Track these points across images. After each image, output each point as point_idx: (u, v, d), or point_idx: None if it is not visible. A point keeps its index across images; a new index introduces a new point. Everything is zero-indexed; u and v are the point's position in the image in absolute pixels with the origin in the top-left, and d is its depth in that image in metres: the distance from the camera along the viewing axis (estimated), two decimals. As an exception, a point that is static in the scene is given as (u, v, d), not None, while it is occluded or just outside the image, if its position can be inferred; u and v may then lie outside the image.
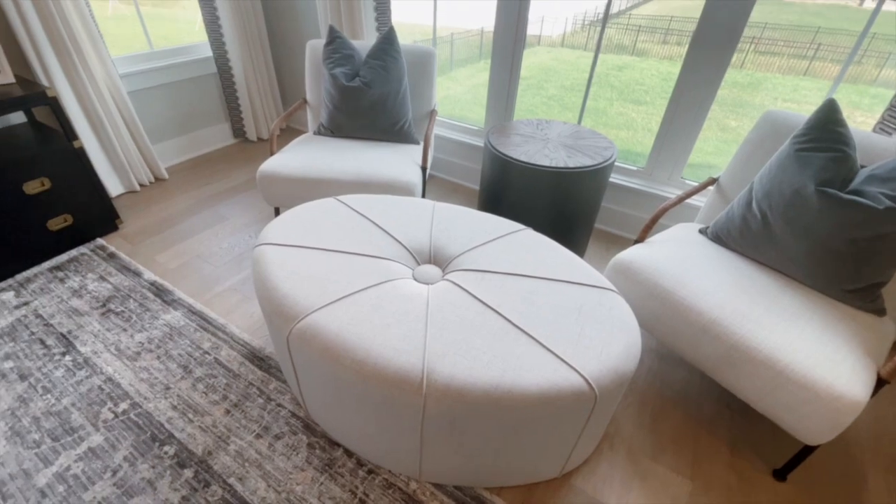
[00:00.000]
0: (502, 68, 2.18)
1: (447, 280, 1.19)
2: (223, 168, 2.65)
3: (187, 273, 1.87)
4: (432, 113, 2.12)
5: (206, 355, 1.51)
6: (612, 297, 1.13)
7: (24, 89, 1.74)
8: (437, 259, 1.30)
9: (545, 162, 1.62)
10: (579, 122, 2.21)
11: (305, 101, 2.16)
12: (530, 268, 1.21)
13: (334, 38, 1.89)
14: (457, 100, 8.50)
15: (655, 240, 1.44)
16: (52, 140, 1.85)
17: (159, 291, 1.76)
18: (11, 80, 1.78)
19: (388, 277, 1.17)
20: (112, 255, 1.93)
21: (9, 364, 1.47)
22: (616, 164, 2.13)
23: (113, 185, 2.28)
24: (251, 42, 2.63)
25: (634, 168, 2.10)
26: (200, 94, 2.67)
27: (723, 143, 7.03)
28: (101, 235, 2.04)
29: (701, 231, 1.48)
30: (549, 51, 13.34)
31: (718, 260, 1.33)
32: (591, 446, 1.21)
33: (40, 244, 1.86)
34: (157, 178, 2.49)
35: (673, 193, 2.02)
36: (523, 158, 1.63)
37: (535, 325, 1.03)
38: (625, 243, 2.15)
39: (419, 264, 1.29)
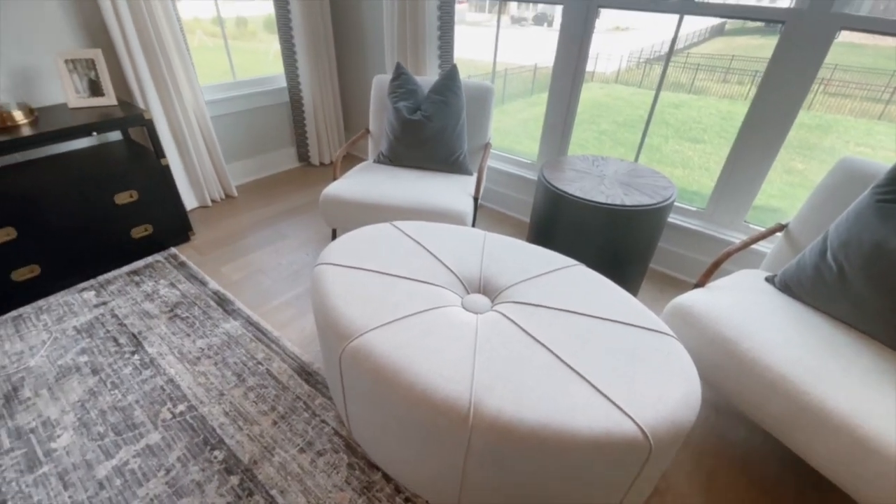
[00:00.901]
0: (559, 103, 2.21)
1: (496, 311, 1.19)
2: (287, 189, 2.83)
3: (248, 285, 1.98)
4: (487, 146, 2.17)
5: (259, 366, 1.57)
6: (670, 343, 1.09)
7: (124, 111, 1.95)
8: (487, 289, 1.31)
9: (601, 198, 1.60)
10: (636, 159, 2.18)
11: (368, 131, 2.28)
12: (582, 305, 1.19)
13: (400, 74, 2.01)
14: (507, 132, 8.64)
15: (717, 285, 1.38)
16: (143, 157, 2.05)
17: (221, 301, 1.87)
18: (114, 102, 2.01)
19: (439, 304, 1.19)
20: (182, 264, 2.08)
21: (84, 358, 1.60)
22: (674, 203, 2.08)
23: (188, 200, 2.48)
24: (322, 75, 2.83)
25: (694, 209, 2.03)
26: (272, 121, 2.89)
27: (788, 187, 6.67)
28: (174, 245, 2.21)
29: (767, 279, 1.40)
30: (602, 87, 13.35)
31: (787, 311, 1.25)
32: (641, 501, 1.14)
33: (123, 250, 2.04)
34: (227, 195, 2.68)
35: (735, 237, 1.93)
36: (578, 194, 1.63)
37: (588, 365, 1.01)
38: (681, 285, 2.06)
39: (469, 293, 1.30)
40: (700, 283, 1.40)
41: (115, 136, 2.25)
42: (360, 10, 2.77)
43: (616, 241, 1.65)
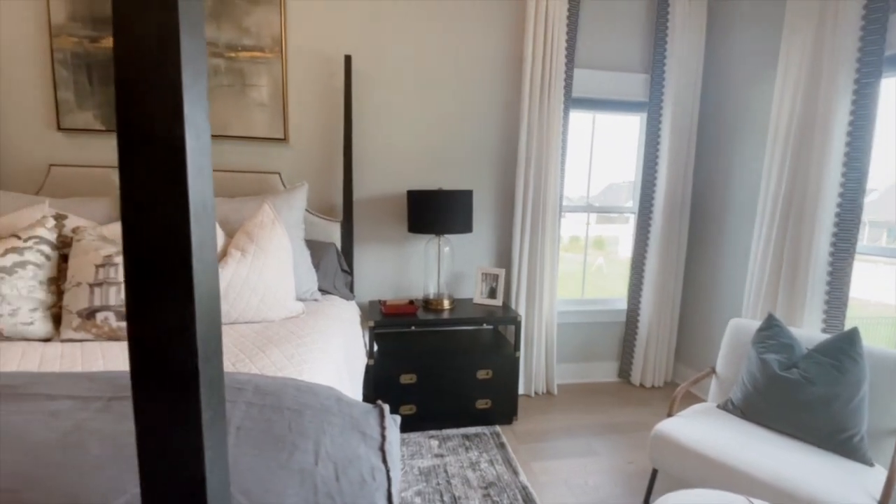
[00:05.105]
0: None
1: None
2: (603, 402, 2.84)
3: (552, 494, 1.96)
4: (904, 435, 1.58)
5: None
6: None
7: (504, 312, 2.58)
8: None
9: None
10: None
11: (713, 371, 2.11)
12: None
13: (772, 325, 1.85)
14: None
15: None
16: (503, 346, 2.57)
17: (527, 500, 1.91)
18: (500, 304, 2.68)
19: None
20: (502, 445, 2.31)
21: (417, 500, 1.90)
22: None
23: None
24: (663, 305, 2.95)
25: None
26: (604, 335, 3.12)
27: None
28: (500, 424, 2.52)
29: None
30: None
31: None
32: None
33: (465, 414, 2.47)
34: (548, 391, 2.93)
35: None
36: None
37: None
38: None
39: None
40: None
41: (489, 325, 2.95)
42: (719, 250, 2.85)
43: None
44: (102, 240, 1.62)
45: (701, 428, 1.73)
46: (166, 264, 0.40)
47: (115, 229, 1.73)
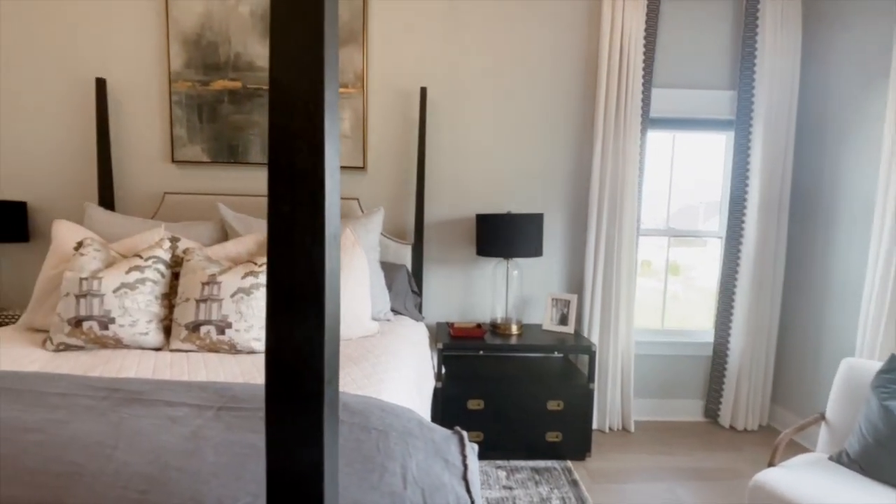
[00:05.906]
0: None
1: None
2: (686, 444, 2.60)
3: (634, 541, 1.82)
4: None
5: None
6: None
7: (576, 340, 2.48)
8: None
9: None
10: None
11: (823, 417, 1.86)
12: None
13: (895, 368, 1.61)
14: None
15: None
16: (575, 376, 2.47)
17: (605, 545, 1.78)
18: (571, 331, 2.58)
19: None
20: (575, 483, 2.19)
21: (486, 532, 1.84)
22: None
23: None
24: (757, 339, 2.68)
25: None
26: (687, 370, 2.88)
27: None
28: (571, 459, 2.39)
29: None
30: None
31: None
32: None
33: (534, 446, 2.38)
34: (623, 428, 2.75)
35: None
36: None
37: None
38: None
39: None
40: None
41: (559, 353, 2.85)
42: (825, 278, 2.56)
43: None
44: (208, 260, 1.80)
45: (812, 482, 1.53)
46: (303, 289, 0.43)
47: (219, 250, 1.92)
